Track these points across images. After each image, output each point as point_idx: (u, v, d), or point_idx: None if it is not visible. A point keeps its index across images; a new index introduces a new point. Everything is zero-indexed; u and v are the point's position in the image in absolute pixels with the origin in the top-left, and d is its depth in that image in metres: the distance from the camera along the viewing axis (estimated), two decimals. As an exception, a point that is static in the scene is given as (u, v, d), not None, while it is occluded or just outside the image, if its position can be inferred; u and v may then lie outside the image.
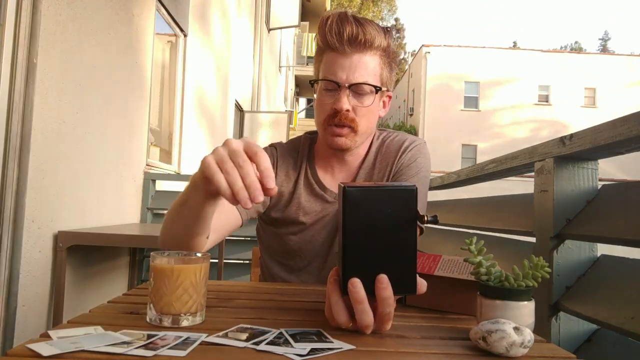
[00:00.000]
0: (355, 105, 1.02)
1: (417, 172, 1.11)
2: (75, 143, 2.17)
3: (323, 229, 1.11)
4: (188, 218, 0.82)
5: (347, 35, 0.99)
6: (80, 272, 2.32)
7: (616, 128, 0.92)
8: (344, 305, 0.64)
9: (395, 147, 1.14)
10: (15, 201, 1.79)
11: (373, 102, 1.04)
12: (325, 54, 1.04)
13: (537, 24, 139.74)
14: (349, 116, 1.02)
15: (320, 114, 1.06)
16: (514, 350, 0.57)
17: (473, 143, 23.21)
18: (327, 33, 1.01)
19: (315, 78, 1.08)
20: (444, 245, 2.24)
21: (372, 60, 1.02)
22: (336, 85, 1.01)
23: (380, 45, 1.03)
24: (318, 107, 1.07)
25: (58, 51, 1.99)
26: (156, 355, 0.53)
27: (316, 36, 1.08)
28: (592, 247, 1.12)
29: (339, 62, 1.01)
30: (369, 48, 1.01)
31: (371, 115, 1.06)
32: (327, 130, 1.05)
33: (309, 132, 1.23)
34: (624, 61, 23.31)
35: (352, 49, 1.00)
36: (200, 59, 4.46)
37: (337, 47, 1.00)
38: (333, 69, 1.01)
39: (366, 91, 1.03)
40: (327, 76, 1.02)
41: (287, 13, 9.09)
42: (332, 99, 1.02)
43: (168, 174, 3.46)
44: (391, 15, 37.69)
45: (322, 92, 1.04)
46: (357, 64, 1.01)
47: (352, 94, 1.02)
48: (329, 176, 1.14)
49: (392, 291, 0.62)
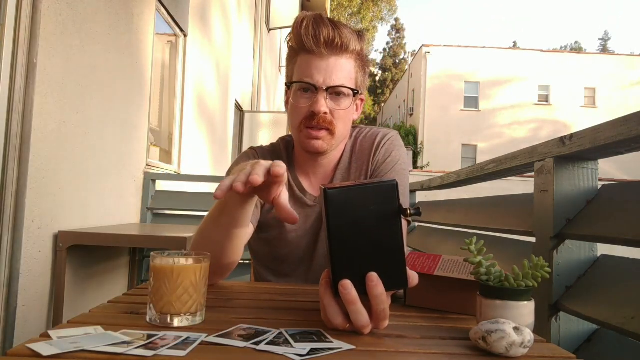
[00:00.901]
0: (332, 107, 1.01)
1: (393, 166, 1.10)
2: (75, 143, 2.17)
3: (305, 233, 1.10)
4: (228, 224, 0.83)
5: (324, 37, 0.98)
6: (80, 272, 2.32)
7: (616, 128, 0.92)
8: (339, 306, 0.64)
9: (369, 144, 1.13)
10: (15, 201, 1.79)
11: (350, 105, 1.04)
12: (300, 56, 1.03)
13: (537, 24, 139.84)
14: (327, 119, 1.01)
15: (295, 116, 1.04)
16: (514, 350, 0.57)
17: (473, 143, 23.20)
18: (303, 35, 0.99)
19: (289, 80, 1.06)
20: (444, 245, 2.23)
21: (347, 63, 1.02)
22: (313, 88, 1.00)
23: (355, 49, 1.03)
24: (293, 109, 1.05)
25: (58, 51, 1.99)
26: (156, 355, 0.53)
27: (289, 36, 1.05)
28: (592, 247, 1.12)
29: (315, 64, 1.00)
30: (345, 51, 1.01)
31: (347, 118, 1.06)
32: (303, 133, 1.04)
33: (282, 137, 1.22)
34: (624, 61, 23.30)
35: (329, 52, 1.00)
36: (200, 59, 4.46)
37: (313, 49, 0.99)
38: (309, 72, 1.00)
39: (344, 94, 1.02)
40: (303, 78, 1.01)
41: (287, 13, 9.07)
42: (309, 102, 1.01)
43: (168, 174, 3.46)
44: (391, 15, 37.66)
45: (298, 93, 1.03)
46: (334, 67, 1.00)
47: (329, 97, 1.01)
48: (305, 180, 1.13)
49: (383, 288, 0.62)
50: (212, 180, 3.36)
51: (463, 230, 2.02)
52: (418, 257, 0.88)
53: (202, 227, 0.89)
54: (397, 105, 30.23)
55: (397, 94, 29.81)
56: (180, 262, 0.68)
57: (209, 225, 0.87)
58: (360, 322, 0.63)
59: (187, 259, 0.69)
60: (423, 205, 2.75)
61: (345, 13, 30.45)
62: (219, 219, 0.83)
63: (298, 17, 1.03)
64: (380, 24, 36.00)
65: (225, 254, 0.87)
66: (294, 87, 1.04)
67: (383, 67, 43.45)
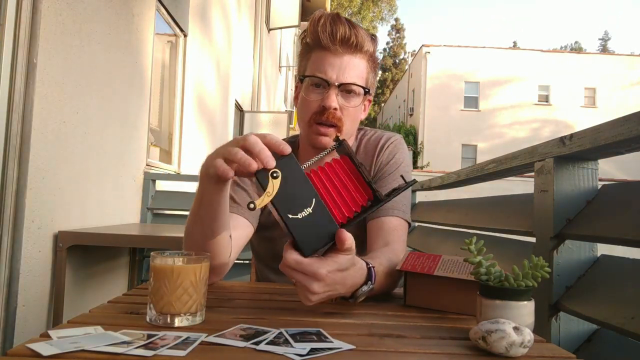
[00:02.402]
0: (342, 104, 1.03)
1: (397, 168, 1.13)
2: (75, 143, 2.17)
3: None
4: (206, 217, 0.82)
5: (340, 35, 1.00)
6: (80, 272, 2.32)
7: (616, 128, 0.92)
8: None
9: (373, 145, 1.15)
10: (15, 201, 1.79)
11: (360, 104, 1.05)
12: (315, 52, 1.04)
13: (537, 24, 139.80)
14: (336, 115, 1.02)
15: (306, 111, 1.05)
16: (514, 350, 0.57)
17: (473, 143, 23.20)
18: (320, 31, 1.01)
19: (302, 75, 1.07)
20: (444, 245, 2.23)
21: (360, 63, 1.04)
22: (325, 83, 1.02)
23: (369, 50, 1.05)
24: (304, 103, 1.06)
25: (58, 51, 1.99)
26: (156, 355, 0.53)
27: (304, 35, 1.07)
28: (592, 247, 1.11)
29: (330, 61, 1.01)
30: (359, 51, 1.03)
31: (356, 117, 1.07)
32: (312, 129, 1.05)
33: (285, 138, 1.23)
34: (624, 61, 23.30)
35: (344, 50, 1.01)
36: (200, 59, 4.46)
37: (329, 46, 1.01)
38: (323, 67, 1.02)
39: (354, 92, 1.04)
40: (316, 73, 1.02)
41: (287, 13, 9.07)
42: (320, 97, 1.02)
43: (168, 174, 3.46)
44: (391, 15, 37.67)
45: (310, 88, 1.04)
46: (347, 64, 1.02)
47: (340, 94, 1.02)
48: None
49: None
50: (212, 180, 3.35)
51: (463, 230, 2.02)
52: (418, 257, 0.88)
53: (185, 225, 0.88)
54: (397, 105, 30.23)
55: (397, 94, 29.80)
56: (180, 262, 0.68)
57: (190, 221, 0.86)
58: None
59: (187, 259, 0.69)
60: (423, 205, 2.75)
61: (346, 13, 30.44)
62: (199, 212, 0.82)
63: (315, 14, 1.04)
64: (380, 24, 36.02)
65: (211, 251, 0.84)
66: (306, 81, 1.05)
67: (383, 67, 43.43)
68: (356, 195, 0.73)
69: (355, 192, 0.74)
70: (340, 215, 0.72)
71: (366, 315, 0.76)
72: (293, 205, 0.68)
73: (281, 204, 0.68)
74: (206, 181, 0.76)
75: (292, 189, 0.69)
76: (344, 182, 0.74)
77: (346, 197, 0.73)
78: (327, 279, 0.68)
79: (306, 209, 0.69)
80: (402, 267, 0.86)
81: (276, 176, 0.67)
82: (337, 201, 0.72)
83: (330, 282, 0.69)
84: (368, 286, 0.78)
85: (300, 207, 0.69)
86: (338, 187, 0.73)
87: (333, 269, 0.69)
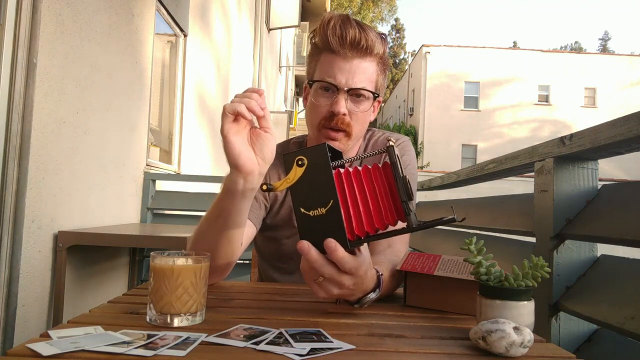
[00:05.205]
0: (351, 109, 1.02)
1: (404, 169, 1.12)
2: (75, 143, 2.17)
3: None
4: (223, 226, 0.83)
5: (350, 39, 0.99)
6: (80, 272, 2.32)
7: (616, 128, 0.92)
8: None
9: (380, 146, 1.15)
10: (15, 201, 1.78)
11: (369, 108, 1.05)
12: (323, 55, 1.03)
13: (537, 24, 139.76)
14: (345, 120, 1.02)
15: (315, 115, 1.05)
16: (514, 350, 0.57)
17: (473, 143, 23.19)
18: (330, 34, 1.00)
19: (310, 78, 1.07)
20: (444, 245, 2.23)
21: (370, 66, 1.03)
22: (334, 88, 1.01)
23: (379, 52, 1.03)
24: (312, 108, 1.06)
25: (58, 51, 1.99)
26: (156, 355, 0.53)
27: (313, 35, 1.06)
28: (592, 247, 1.12)
29: (339, 65, 1.00)
30: (369, 54, 1.01)
31: (365, 120, 1.07)
32: (322, 133, 1.04)
33: (290, 139, 1.24)
34: (624, 61, 23.29)
35: (353, 53, 1.00)
36: (200, 59, 4.46)
37: (338, 49, 1.00)
38: (332, 72, 1.01)
39: (364, 96, 1.03)
40: (325, 78, 1.01)
41: (287, 13, 9.07)
42: (329, 101, 1.02)
43: (168, 174, 3.46)
44: (391, 15, 37.65)
45: (318, 92, 1.04)
46: (356, 69, 1.00)
47: (349, 98, 1.02)
48: None
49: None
50: (212, 180, 3.36)
51: (463, 230, 2.02)
52: (418, 257, 0.88)
53: (198, 228, 0.89)
54: (397, 105, 30.22)
55: (397, 94, 29.78)
56: (180, 262, 0.68)
57: (205, 226, 0.87)
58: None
59: (187, 259, 0.69)
60: (423, 205, 2.75)
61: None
62: (216, 220, 0.83)
63: (325, 16, 1.03)
64: (380, 24, 36.00)
65: (221, 254, 0.86)
66: (315, 85, 1.05)
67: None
68: (385, 211, 0.65)
69: (385, 208, 0.65)
70: (358, 227, 0.65)
71: (366, 315, 0.76)
72: (308, 200, 0.64)
73: (297, 195, 0.64)
74: (226, 195, 0.79)
75: (313, 183, 0.64)
76: (377, 193, 0.66)
77: (373, 210, 0.65)
78: (357, 276, 0.69)
79: (320, 208, 0.64)
80: (402, 267, 0.86)
81: (301, 164, 0.64)
82: (362, 211, 0.65)
83: (357, 282, 0.70)
84: (376, 293, 0.78)
85: (315, 204, 0.64)
86: (368, 196, 0.66)
87: (364, 270, 0.70)
